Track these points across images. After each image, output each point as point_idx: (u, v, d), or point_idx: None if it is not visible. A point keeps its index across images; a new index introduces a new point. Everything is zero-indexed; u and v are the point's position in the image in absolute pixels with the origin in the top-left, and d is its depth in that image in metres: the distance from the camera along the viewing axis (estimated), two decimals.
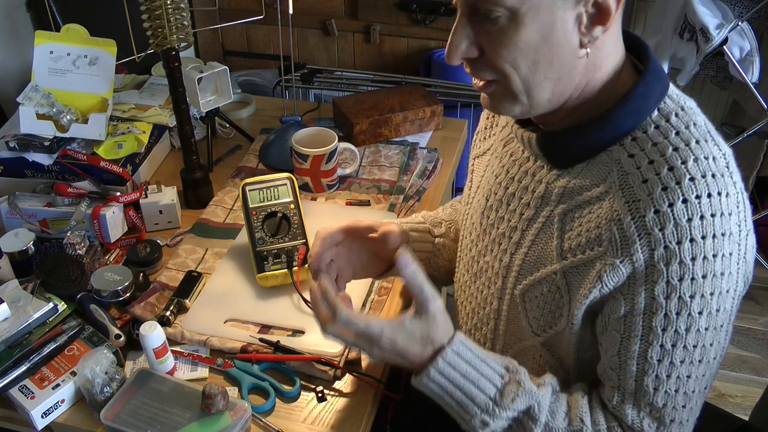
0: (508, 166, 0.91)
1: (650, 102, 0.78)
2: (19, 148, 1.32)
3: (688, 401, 0.80)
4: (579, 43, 0.74)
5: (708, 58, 1.98)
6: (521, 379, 0.81)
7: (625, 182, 0.75)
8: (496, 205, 0.92)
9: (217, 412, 0.91)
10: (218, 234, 1.29)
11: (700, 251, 0.71)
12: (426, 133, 1.60)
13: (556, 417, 0.82)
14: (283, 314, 1.11)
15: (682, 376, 0.78)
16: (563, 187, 0.82)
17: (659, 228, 0.71)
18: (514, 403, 0.80)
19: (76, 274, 1.12)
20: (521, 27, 0.72)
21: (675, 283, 0.72)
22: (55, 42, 1.37)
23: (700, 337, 0.76)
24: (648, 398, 0.79)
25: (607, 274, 0.75)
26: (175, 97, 1.26)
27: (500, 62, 0.75)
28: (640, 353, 0.77)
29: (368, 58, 2.78)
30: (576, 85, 0.78)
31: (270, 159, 1.49)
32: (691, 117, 0.78)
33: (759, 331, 2.23)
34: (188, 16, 1.21)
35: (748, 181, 2.22)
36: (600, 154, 0.79)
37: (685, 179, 0.72)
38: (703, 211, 0.71)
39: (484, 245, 0.94)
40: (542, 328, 0.85)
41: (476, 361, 0.81)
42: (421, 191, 1.41)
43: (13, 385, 0.96)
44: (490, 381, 0.81)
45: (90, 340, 1.04)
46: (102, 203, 1.25)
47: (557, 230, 0.82)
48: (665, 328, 0.75)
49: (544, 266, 0.83)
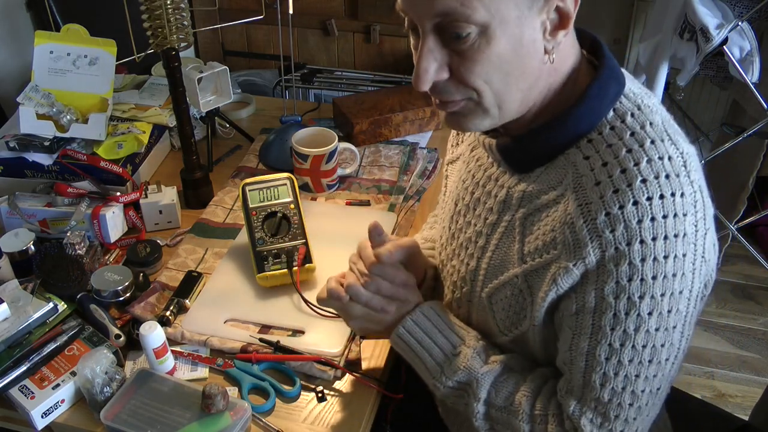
0: (474, 171, 0.92)
1: (605, 102, 0.77)
2: (19, 148, 1.33)
3: (635, 400, 0.80)
4: (543, 50, 0.74)
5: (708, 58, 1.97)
6: (469, 353, 0.87)
7: (578, 184, 0.75)
8: (464, 210, 0.92)
9: (217, 412, 0.91)
10: (218, 234, 1.29)
11: (650, 252, 0.71)
12: (426, 133, 1.60)
13: (499, 394, 0.85)
14: (283, 314, 1.11)
15: (630, 375, 0.78)
16: (522, 191, 0.82)
17: (610, 230, 0.72)
18: (455, 375, 0.87)
19: (76, 274, 1.12)
20: (492, 41, 0.71)
21: (624, 283, 0.73)
22: (55, 42, 1.37)
23: (649, 338, 0.76)
24: (594, 393, 0.79)
25: (561, 277, 0.76)
26: (175, 97, 1.26)
27: (473, 79, 0.73)
28: (588, 350, 0.77)
29: (368, 58, 2.78)
30: (540, 90, 0.78)
31: (270, 159, 1.49)
32: (648, 116, 0.77)
33: (759, 331, 2.23)
34: (188, 16, 1.21)
35: (748, 182, 2.22)
36: (558, 157, 0.79)
37: (637, 181, 0.71)
38: (654, 212, 0.71)
39: (452, 249, 0.95)
40: (508, 329, 0.87)
41: (435, 330, 0.89)
42: (421, 191, 1.41)
43: (13, 385, 0.96)
44: (442, 349, 0.88)
45: (90, 340, 1.04)
46: (102, 203, 1.25)
47: (518, 234, 0.82)
48: (614, 327, 0.75)
49: (507, 270, 0.84)
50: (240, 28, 2.81)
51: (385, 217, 1.32)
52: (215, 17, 2.67)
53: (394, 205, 1.36)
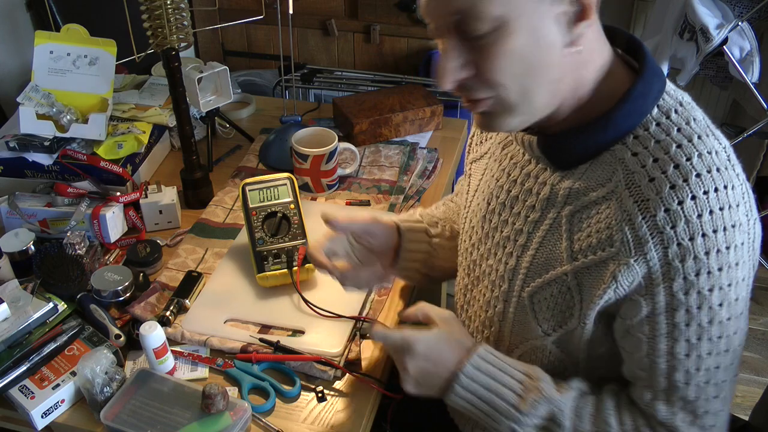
0: (509, 169, 0.91)
1: (649, 99, 0.78)
2: (19, 148, 1.33)
3: (719, 391, 0.81)
4: (565, 42, 0.74)
5: (708, 58, 1.98)
6: (541, 386, 0.84)
7: (631, 181, 0.75)
8: (499, 209, 0.92)
9: (217, 412, 0.91)
10: (218, 234, 1.29)
11: (713, 245, 0.72)
12: (426, 133, 1.60)
13: (583, 420, 0.83)
14: (283, 314, 1.11)
15: (710, 368, 0.79)
16: (568, 188, 0.82)
17: (671, 226, 0.72)
18: (536, 410, 0.83)
19: (76, 274, 1.12)
20: (511, 35, 0.71)
21: (692, 278, 0.73)
22: (55, 42, 1.37)
23: (723, 328, 0.77)
24: (679, 393, 0.80)
25: (621, 274, 0.75)
26: (175, 97, 1.26)
27: (496, 75, 0.73)
28: (667, 351, 0.78)
29: (368, 58, 2.78)
30: (568, 84, 0.77)
31: (270, 159, 1.49)
32: (691, 112, 0.78)
33: (759, 331, 2.23)
34: (188, 16, 1.21)
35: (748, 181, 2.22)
36: (603, 154, 0.79)
37: (692, 176, 0.72)
38: (712, 205, 0.72)
39: (487, 249, 0.94)
40: (553, 328, 0.86)
41: (497, 371, 0.86)
42: (421, 191, 1.41)
43: (13, 385, 0.96)
44: (511, 389, 0.85)
45: (90, 340, 1.04)
46: (102, 203, 1.26)
47: (566, 231, 0.82)
48: (688, 323, 0.76)
49: (554, 268, 0.83)
50: (240, 28, 2.81)
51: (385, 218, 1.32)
52: (215, 17, 2.67)
53: (394, 205, 1.36)
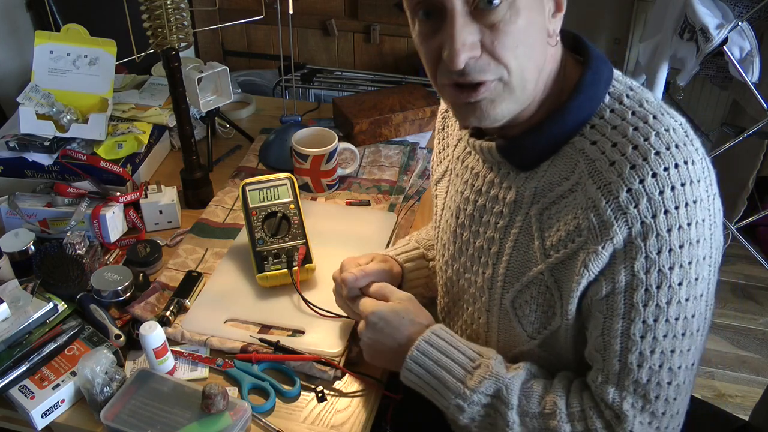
0: (471, 180, 0.91)
1: (600, 87, 0.79)
2: (19, 148, 1.33)
3: (673, 377, 0.80)
4: (548, 32, 0.76)
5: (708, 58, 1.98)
6: (490, 363, 0.85)
7: (593, 169, 0.75)
8: (468, 221, 0.92)
9: (217, 412, 0.91)
10: (218, 234, 1.29)
11: (675, 221, 0.72)
12: (426, 133, 1.60)
13: (531, 400, 0.83)
14: (283, 314, 1.11)
15: (666, 351, 0.78)
16: (534, 187, 0.82)
17: (634, 205, 0.72)
18: (481, 386, 0.83)
19: (76, 274, 1.12)
20: (520, 13, 0.72)
21: (654, 256, 0.73)
22: (55, 42, 1.37)
23: (681, 309, 0.76)
24: (633, 376, 0.79)
25: (591, 262, 0.75)
26: (175, 97, 1.26)
27: (505, 53, 0.73)
28: (622, 331, 0.77)
29: (368, 58, 2.78)
30: (545, 76, 0.79)
31: (270, 159, 1.49)
32: (642, 94, 0.79)
33: (759, 331, 2.23)
34: (188, 16, 1.21)
35: (748, 182, 2.22)
36: (563, 148, 0.80)
37: (651, 154, 0.73)
38: (673, 181, 0.72)
39: (462, 264, 0.94)
40: (537, 331, 0.86)
41: (450, 348, 0.87)
42: (421, 191, 1.41)
43: (13, 385, 0.96)
44: (460, 365, 0.86)
45: (90, 340, 1.04)
46: (102, 203, 1.26)
47: (536, 231, 0.82)
48: (646, 303, 0.75)
49: (530, 269, 0.83)
50: (240, 28, 2.81)
51: (385, 217, 1.32)
52: (215, 17, 2.67)
53: (394, 205, 1.36)
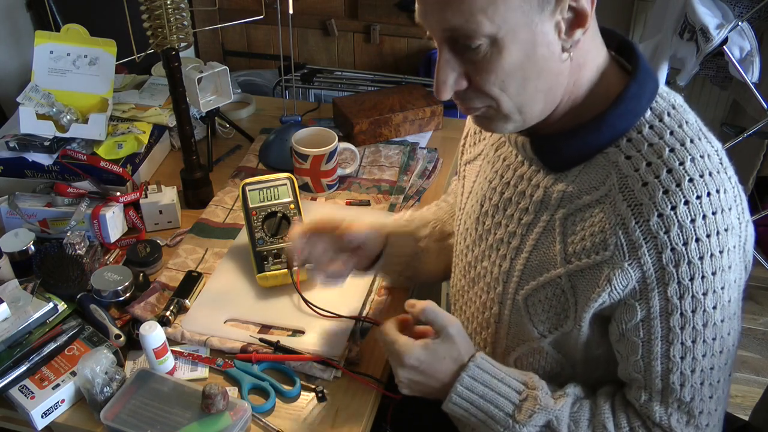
0: (501, 171, 0.91)
1: (643, 102, 0.78)
2: (19, 148, 1.33)
3: (714, 391, 0.82)
4: (561, 50, 0.74)
5: (708, 58, 1.98)
6: (538, 395, 0.84)
7: (624, 185, 0.75)
8: (492, 211, 0.91)
9: (217, 412, 0.91)
10: (218, 234, 1.29)
11: (707, 249, 0.73)
12: (426, 133, 1.60)
13: (579, 426, 0.83)
14: (283, 314, 1.11)
15: (705, 369, 0.79)
16: (562, 191, 0.82)
17: (664, 231, 0.72)
18: (531, 420, 0.83)
19: (76, 274, 1.12)
20: (504, 50, 0.71)
21: (686, 283, 0.74)
22: (55, 42, 1.37)
23: (717, 329, 0.78)
24: (675, 394, 0.80)
25: (616, 278, 0.76)
26: (175, 97, 1.26)
27: (489, 88, 0.74)
28: (663, 353, 0.78)
29: (368, 58, 2.78)
30: (565, 89, 0.78)
31: (270, 159, 1.49)
32: (683, 115, 0.78)
33: (759, 331, 2.23)
34: (188, 16, 1.21)
35: (748, 182, 2.22)
36: (596, 157, 0.79)
37: (685, 181, 0.72)
38: (705, 210, 0.72)
39: (481, 251, 0.94)
40: (548, 330, 0.86)
41: (494, 381, 0.85)
42: (421, 191, 1.41)
43: (13, 385, 0.96)
44: (508, 399, 0.84)
45: (90, 340, 1.04)
46: (102, 203, 1.25)
47: (559, 234, 0.82)
48: (683, 326, 0.76)
49: (548, 270, 0.83)
50: (240, 28, 2.81)
51: (385, 218, 1.32)
52: (215, 17, 2.67)
53: (394, 205, 1.36)
